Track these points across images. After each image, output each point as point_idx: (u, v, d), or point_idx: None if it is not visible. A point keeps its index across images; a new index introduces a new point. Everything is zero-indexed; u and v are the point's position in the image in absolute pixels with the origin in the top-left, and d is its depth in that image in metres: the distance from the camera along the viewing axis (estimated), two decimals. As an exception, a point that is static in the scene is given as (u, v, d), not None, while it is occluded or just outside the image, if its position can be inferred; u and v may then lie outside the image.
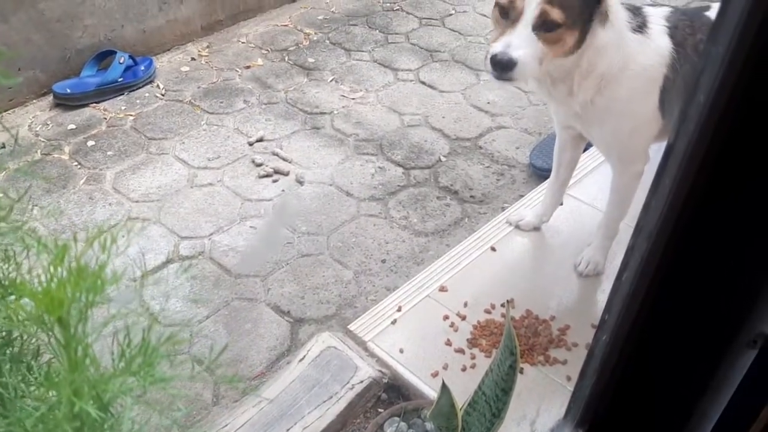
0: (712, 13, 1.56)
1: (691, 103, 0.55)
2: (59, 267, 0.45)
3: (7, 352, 0.57)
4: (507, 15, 1.40)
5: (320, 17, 3.24)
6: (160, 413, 0.46)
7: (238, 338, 1.79)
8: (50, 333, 0.50)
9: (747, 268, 0.66)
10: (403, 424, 1.38)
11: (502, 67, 1.38)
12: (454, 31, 3.16)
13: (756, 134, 0.55)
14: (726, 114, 0.54)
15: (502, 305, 1.75)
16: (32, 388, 0.49)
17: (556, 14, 1.36)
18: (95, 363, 0.49)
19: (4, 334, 0.58)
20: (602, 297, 1.79)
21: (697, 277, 0.66)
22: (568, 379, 1.61)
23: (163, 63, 2.85)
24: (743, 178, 0.58)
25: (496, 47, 1.38)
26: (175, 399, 0.48)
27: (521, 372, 1.59)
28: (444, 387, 1.17)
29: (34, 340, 0.58)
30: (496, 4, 1.43)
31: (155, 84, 2.73)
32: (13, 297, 0.53)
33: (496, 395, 1.22)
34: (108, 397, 0.46)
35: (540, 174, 2.29)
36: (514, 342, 1.17)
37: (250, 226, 2.13)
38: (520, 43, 1.37)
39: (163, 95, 2.68)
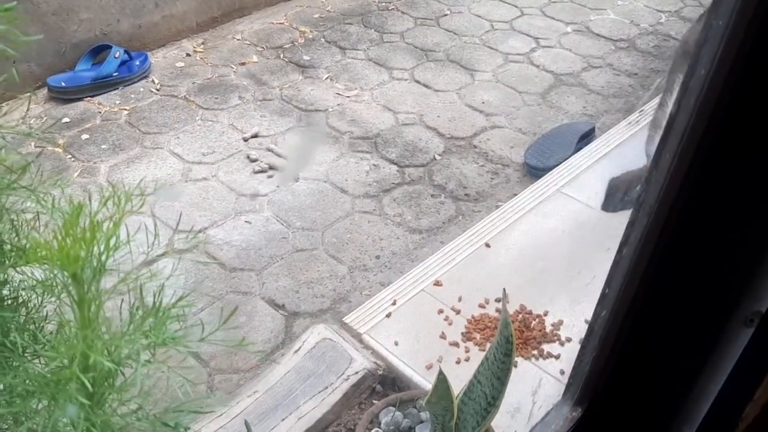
0: None
1: (692, 76, 0.56)
2: (74, 225, 0.45)
3: (13, 319, 0.57)
4: None
5: (315, 16, 3.25)
6: (170, 370, 0.47)
7: (232, 331, 1.79)
8: (61, 294, 0.51)
9: (745, 245, 0.67)
10: (398, 413, 1.38)
11: None
12: (449, 31, 3.18)
13: (757, 108, 0.56)
14: (726, 87, 0.55)
15: (497, 300, 1.76)
16: (43, 347, 0.50)
17: None
18: (106, 323, 0.49)
19: (10, 301, 0.58)
20: (596, 294, 1.80)
21: (696, 253, 0.67)
22: (562, 373, 1.62)
23: (158, 58, 2.85)
24: (743, 153, 0.59)
25: None
26: (187, 356, 0.48)
27: (515, 366, 1.60)
28: (441, 375, 1.17)
29: (42, 306, 0.58)
30: None
31: (150, 79, 2.73)
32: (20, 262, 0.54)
33: (492, 384, 1.22)
34: (120, 355, 0.47)
35: (535, 173, 2.30)
36: (510, 330, 1.18)
37: (245, 221, 2.13)
38: None
39: (158, 90, 2.68)
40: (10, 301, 0.58)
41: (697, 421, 0.79)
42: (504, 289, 1.19)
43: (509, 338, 1.19)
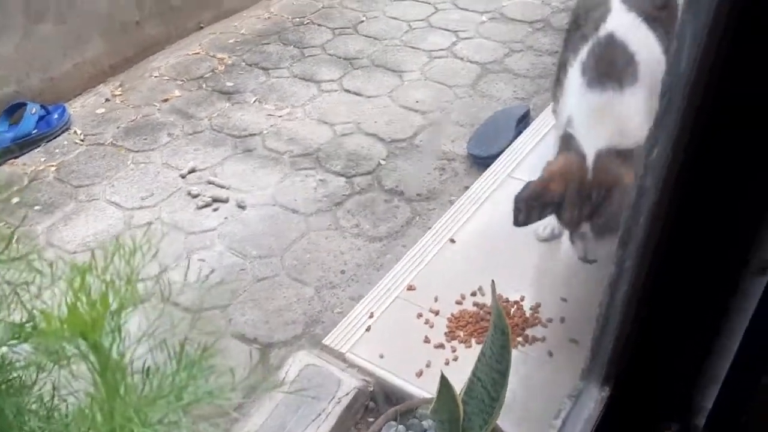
0: None
1: (688, 31, 0.55)
2: (84, 288, 0.40)
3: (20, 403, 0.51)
4: None
5: (231, 41, 3.18)
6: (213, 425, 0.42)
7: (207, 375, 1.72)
8: (71, 365, 0.45)
9: (750, 196, 0.67)
10: (401, 427, 1.35)
11: None
12: (368, 37, 3.17)
13: (758, 56, 0.55)
14: (725, 38, 0.54)
15: (473, 294, 1.74)
16: (65, 426, 0.44)
17: None
18: (131, 389, 0.44)
19: (7, 384, 0.52)
20: (566, 271, 1.80)
21: (706, 210, 0.66)
22: (550, 354, 1.61)
23: (76, 108, 2.73)
24: (751, 100, 0.58)
25: None
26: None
27: (503, 356, 1.58)
28: (443, 380, 1.15)
29: (44, 383, 0.52)
30: None
31: (72, 130, 2.61)
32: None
33: (493, 379, 1.20)
34: (152, 420, 0.42)
35: (481, 163, 2.30)
36: (504, 321, 1.16)
37: (199, 259, 2.05)
38: None
39: (82, 141, 2.57)
40: (8, 384, 0.52)
41: (720, 379, 0.78)
42: (492, 281, 1.16)
43: (504, 329, 1.17)
